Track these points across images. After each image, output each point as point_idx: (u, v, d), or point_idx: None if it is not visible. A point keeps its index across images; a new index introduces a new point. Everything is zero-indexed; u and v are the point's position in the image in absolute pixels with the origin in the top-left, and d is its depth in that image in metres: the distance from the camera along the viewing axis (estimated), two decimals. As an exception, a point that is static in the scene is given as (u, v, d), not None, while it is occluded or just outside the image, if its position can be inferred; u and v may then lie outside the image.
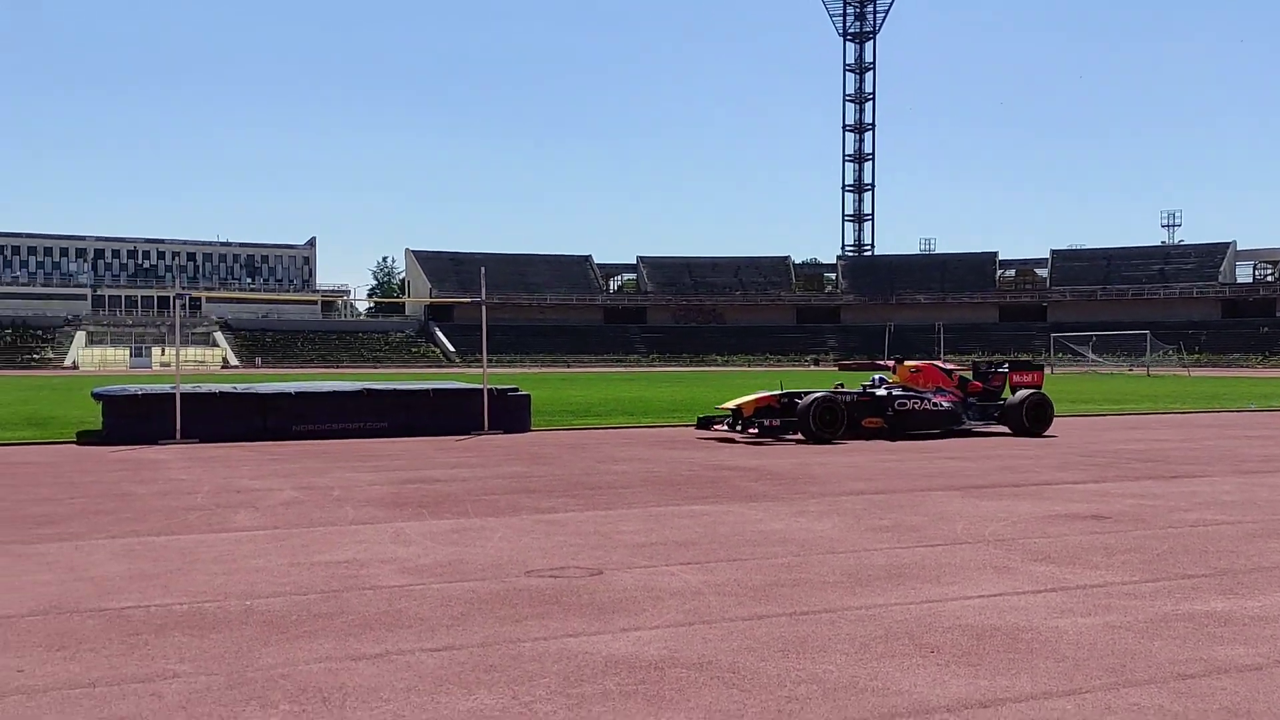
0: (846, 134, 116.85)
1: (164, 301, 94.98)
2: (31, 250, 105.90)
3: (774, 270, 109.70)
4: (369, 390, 14.63)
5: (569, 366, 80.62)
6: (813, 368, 79.18)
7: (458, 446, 12.69)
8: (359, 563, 5.58)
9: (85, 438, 13.27)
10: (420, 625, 4.30)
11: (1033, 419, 13.99)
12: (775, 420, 13.25)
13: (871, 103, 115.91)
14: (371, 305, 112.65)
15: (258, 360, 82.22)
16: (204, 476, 9.55)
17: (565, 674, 3.65)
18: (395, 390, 14.97)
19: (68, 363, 77.66)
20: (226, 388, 14.69)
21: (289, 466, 10.46)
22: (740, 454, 11.71)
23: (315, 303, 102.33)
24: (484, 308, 16.27)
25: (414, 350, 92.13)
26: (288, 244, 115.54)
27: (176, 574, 5.28)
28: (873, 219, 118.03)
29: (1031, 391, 14.36)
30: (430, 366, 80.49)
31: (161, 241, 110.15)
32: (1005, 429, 14.21)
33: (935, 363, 15.56)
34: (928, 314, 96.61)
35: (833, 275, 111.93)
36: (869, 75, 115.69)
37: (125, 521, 6.97)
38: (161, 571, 5.35)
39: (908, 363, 14.91)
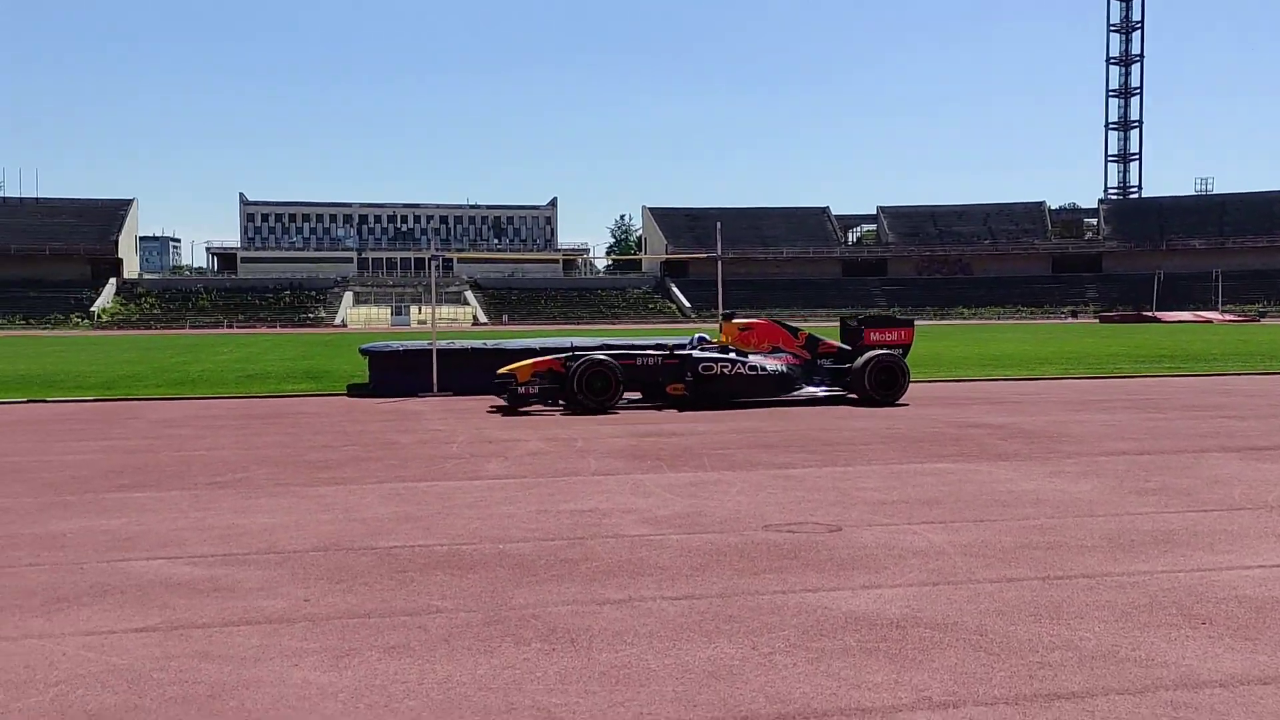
0: (1110, 67, 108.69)
1: (420, 263, 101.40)
2: (305, 218, 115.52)
3: (1027, 217, 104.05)
4: (607, 346, 15.03)
5: (806, 321, 79.90)
6: (1070, 319, 74.79)
7: (695, 401, 12.82)
8: (601, 512, 5.78)
9: (355, 390, 14.39)
10: (661, 574, 4.40)
11: (877, 384, 11.82)
12: (534, 388, 11.59)
13: (1140, 32, 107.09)
14: (610, 263, 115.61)
15: (504, 317, 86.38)
16: (458, 427, 10.15)
17: (804, 628, 3.65)
18: (631, 345, 15.30)
19: (337, 320, 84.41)
20: (477, 343, 15.51)
21: (534, 419, 10.94)
22: (990, 412, 11.24)
23: (557, 261, 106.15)
24: (719, 263, 16.32)
25: (650, 306, 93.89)
26: (531, 205, 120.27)
27: (437, 518, 5.65)
28: (1140, 158, 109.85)
29: (879, 353, 12.07)
30: (667, 322, 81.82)
31: (418, 206, 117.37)
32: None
33: (777, 320, 13.68)
34: (1203, 260, 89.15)
35: (1093, 221, 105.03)
36: (1135, 1, 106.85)
37: (391, 468, 7.51)
38: (424, 515, 5.74)
39: (737, 320, 13.06)
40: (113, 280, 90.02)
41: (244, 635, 3.63)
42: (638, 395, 12.27)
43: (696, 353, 12.18)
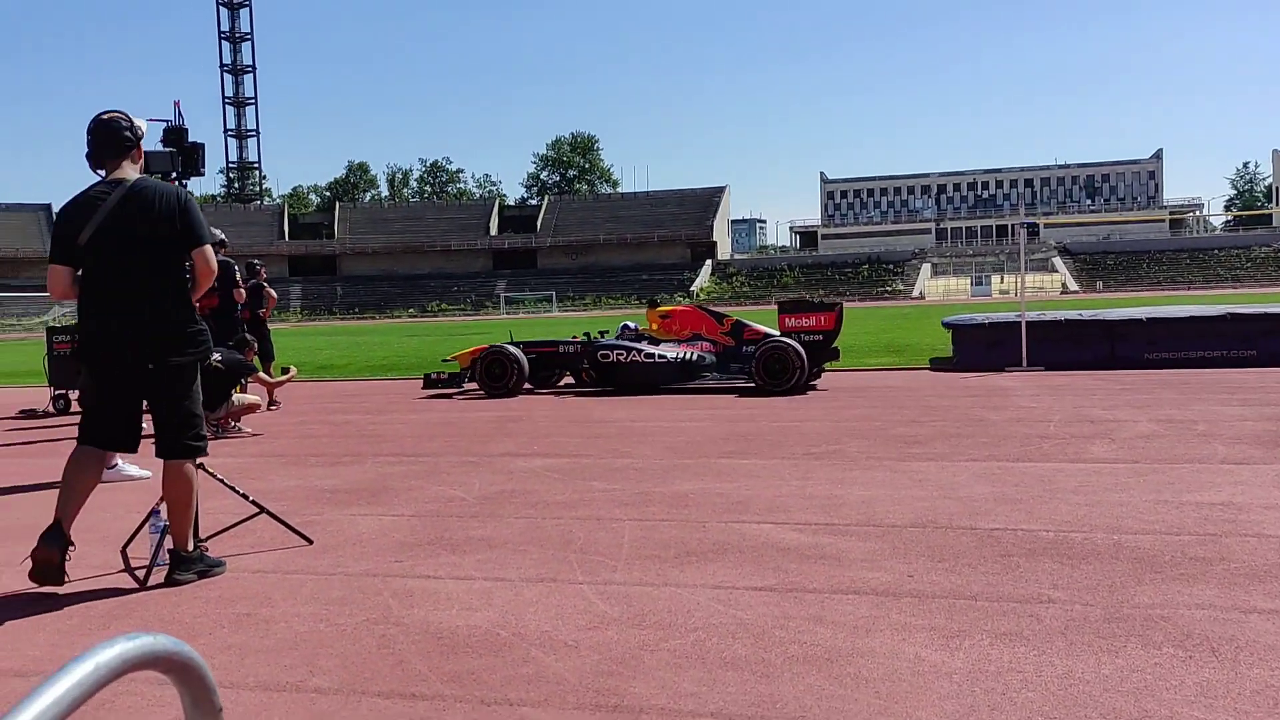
0: None
1: (1002, 230, 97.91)
2: (883, 191, 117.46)
3: None
4: (1232, 314, 13.26)
5: None
6: None
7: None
8: (1236, 506, 5.09)
9: (938, 364, 14.31)
10: (1320, 585, 3.76)
11: (765, 372, 11.44)
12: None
13: None
14: (1230, 219, 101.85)
15: (1098, 284, 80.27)
16: (1053, 405, 9.62)
17: None
18: (1265, 314, 13.31)
19: (915, 293, 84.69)
20: (1071, 314, 14.58)
21: (1142, 397, 10.00)
22: None
23: (1162, 220, 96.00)
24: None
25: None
26: (1130, 160, 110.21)
27: (1038, 501, 5.39)
28: None
29: (773, 341, 11.72)
30: (1296, 286, 70.16)
31: (999, 171, 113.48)
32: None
33: (702, 306, 13.64)
34: None
35: None
36: None
37: (982, 446, 7.33)
38: (1024, 497, 5.51)
39: (660, 307, 13.48)
40: (709, 261, 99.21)
41: (853, 604, 3.76)
42: (571, 380, 13.12)
43: (599, 342, 12.86)
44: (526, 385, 12.70)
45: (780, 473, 6.54)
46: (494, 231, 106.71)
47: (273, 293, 12.13)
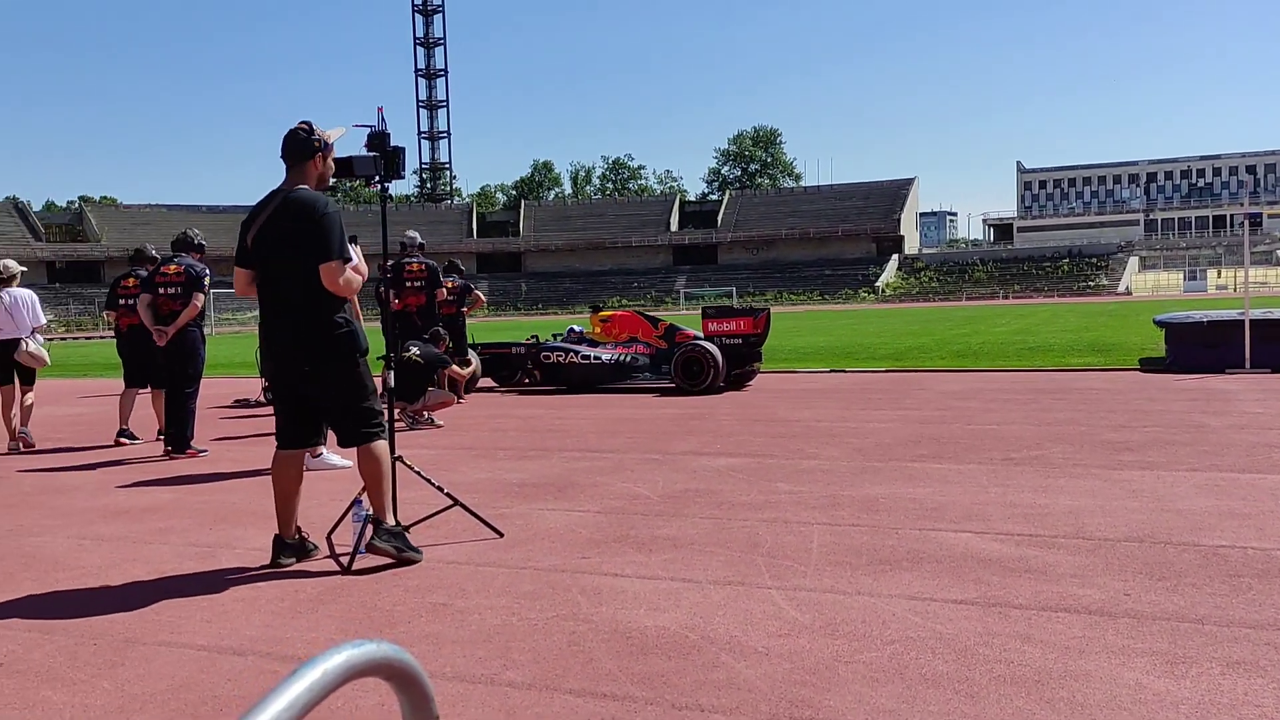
0: None
1: (1219, 221, 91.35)
2: (1086, 181, 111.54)
3: None
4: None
5: None
6: None
7: None
8: None
9: (1148, 365, 13.43)
10: None
11: (683, 374, 12.15)
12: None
13: None
14: None
15: (1328, 280, 73.71)
16: (1281, 410, 8.85)
17: None
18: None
19: (1120, 288, 79.99)
20: (1299, 313, 13.38)
21: (1385, 403, 9.07)
22: None
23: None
24: None
25: None
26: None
27: (1269, 516, 4.94)
28: None
29: (690, 344, 12.24)
30: None
31: (1217, 157, 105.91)
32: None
33: (639, 311, 14.41)
34: None
35: None
36: None
37: (1202, 455, 6.80)
38: (1252, 512, 5.06)
39: (602, 312, 14.08)
40: (895, 256, 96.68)
41: (1064, 623, 3.52)
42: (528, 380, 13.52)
43: (544, 344, 13.52)
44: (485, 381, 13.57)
45: (978, 478, 6.25)
46: (674, 227, 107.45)
47: (481, 295, 12.91)
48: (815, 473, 6.63)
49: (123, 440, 9.35)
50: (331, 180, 4.75)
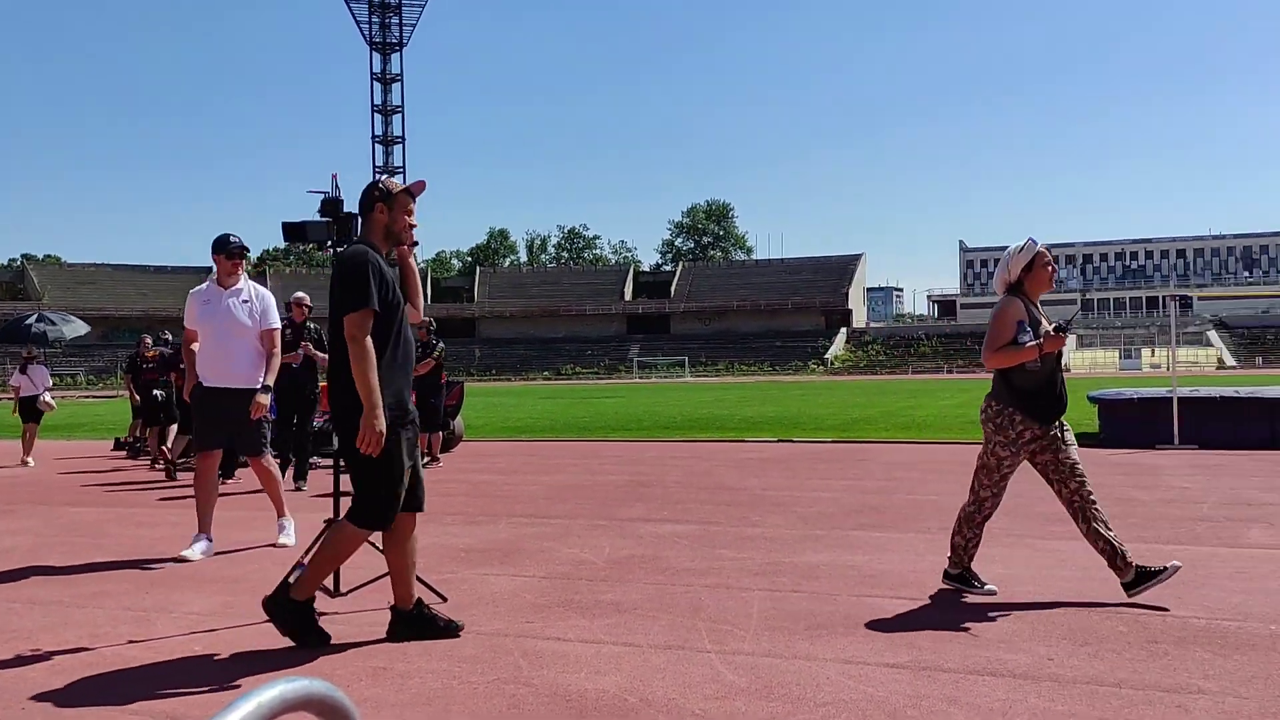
0: None
1: (1152, 302, 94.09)
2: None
3: None
4: None
5: None
6: None
7: None
8: None
9: (1083, 440, 13.75)
10: None
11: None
12: None
13: None
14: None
15: (1258, 360, 76.06)
16: (1208, 486, 9.15)
17: None
18: None
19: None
20: (1227, 391, 13.87)
21: (1305, 479, 9.42)
22: None
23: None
24: None
25: None
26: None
27: (1189, 586, 5.14)
28: None
29: None
30: None
31: (1149, 241, 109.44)
32: None
33: None
34: None
35: None
36: None
37: (1130, 527, 7.01)
38: (1174, 582, 5.19)
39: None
40: (844, 329, 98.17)
41: (989, 686, 3.65)
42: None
43: None
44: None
45: (915, 546, 6.41)
46: (628, 296, 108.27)
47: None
48: (759, 540, 6.74)
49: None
50: (284, 244, 4.78)
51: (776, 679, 3.77)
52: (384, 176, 4.56)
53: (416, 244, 4.74)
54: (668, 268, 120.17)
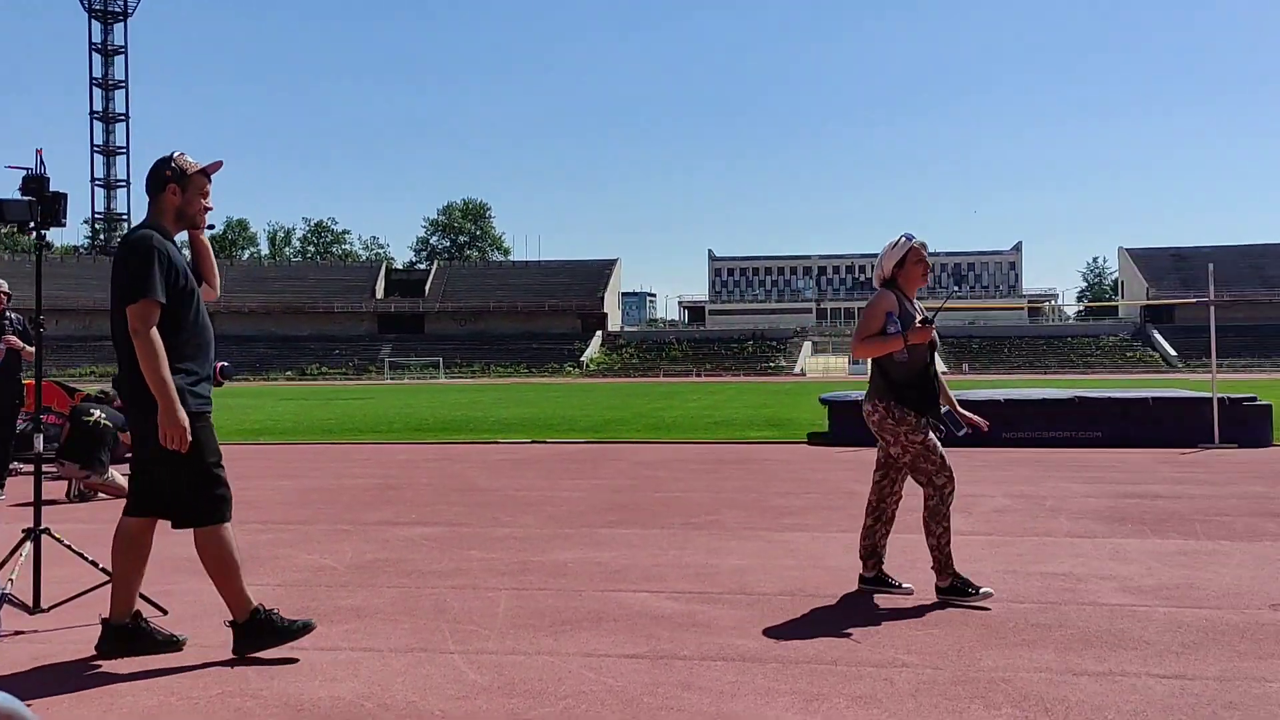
0: None
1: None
2: (768, 270, 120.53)
3: None
4: (1081, 398, 14.04)
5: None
6: None
7: (1182, 460, 11.61)
8: (1076, 577, 5.42)
9: (815, 438, 14.71)
10: (1145, 648, 4.04)
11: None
12: None
13: None
14: (1081, 309, 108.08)
15: (964, 366, 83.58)
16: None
17: (1332, 730, 3.16)
18: (1110, 398, 14.14)
19: (797, 369, 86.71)
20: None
21: (999, 474, 10.50)
22: None
23: (1022, 308, 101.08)
24: (1212, 308, 14.63)
25: (1128, 355, 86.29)
26: (993, 250, 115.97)
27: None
28: None
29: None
30: (1147, 372, 74.59)
31: (875, 255, 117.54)
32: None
33: (58, 382, 13.88)
34: None
35: None
36: None
37: (852, 518, 7.55)
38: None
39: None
40: (599, 333, 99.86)
41: (720, 670, 3.86)
42: None
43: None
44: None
45: (659, 542, 6.65)
46: (380, 295, 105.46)
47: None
48: (508, 540, 6.78)
49: None
50: None
51: (519, 676, 3.83)
52: (176, 153, 4.21)
53: (212, 227, 4.48)
54: (422, 266, 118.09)
